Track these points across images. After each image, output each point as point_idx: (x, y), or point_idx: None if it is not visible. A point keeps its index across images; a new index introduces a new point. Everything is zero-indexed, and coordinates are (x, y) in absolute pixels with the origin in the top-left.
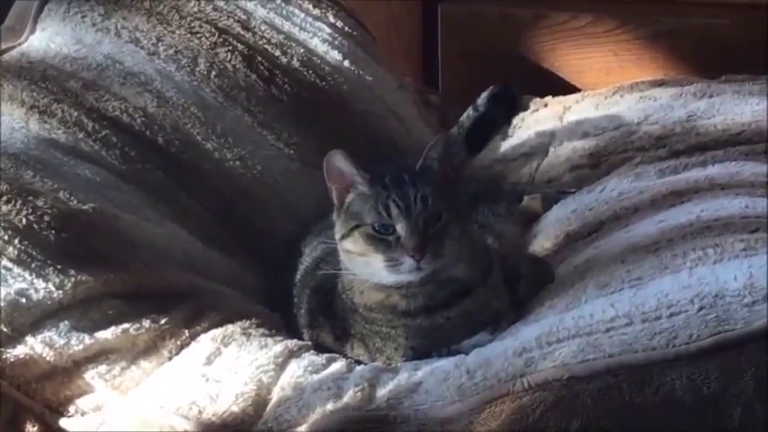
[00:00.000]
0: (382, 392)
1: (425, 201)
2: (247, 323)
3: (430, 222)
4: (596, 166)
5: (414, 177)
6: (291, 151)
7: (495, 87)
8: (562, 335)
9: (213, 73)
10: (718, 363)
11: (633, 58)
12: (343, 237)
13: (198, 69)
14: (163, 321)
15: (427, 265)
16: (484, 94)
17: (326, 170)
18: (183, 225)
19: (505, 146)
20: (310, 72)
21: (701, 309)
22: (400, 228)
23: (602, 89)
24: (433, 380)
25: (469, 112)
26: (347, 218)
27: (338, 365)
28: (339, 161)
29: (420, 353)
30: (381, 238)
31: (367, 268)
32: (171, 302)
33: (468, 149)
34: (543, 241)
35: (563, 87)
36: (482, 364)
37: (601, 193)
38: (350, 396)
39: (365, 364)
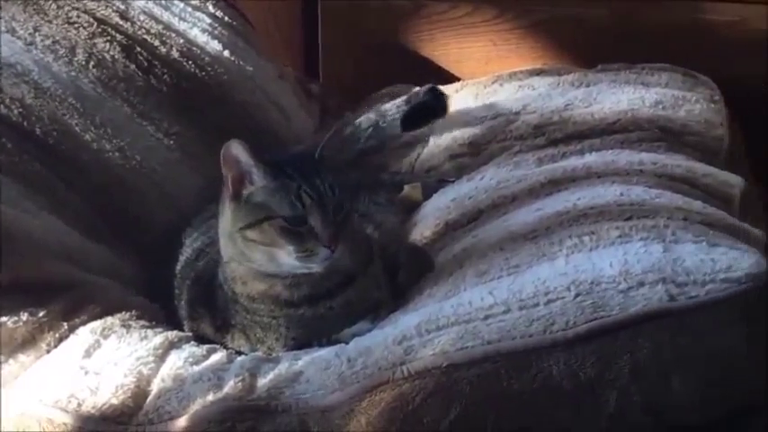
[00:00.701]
0: (263, 382)
1: (334, 190)
2: (127, 315)
3: (337, 211)
4: (476, 154)
5: (316, 167)
6: (171, 142)
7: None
8: (441, 323)
9: (92, 63)
10: (594, 348)
11: (512, 48)
12: (247, 227)
13: (76, 60)
14: (41, 314)
15: (339, 253)
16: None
17: (223, 158)
18: (61, 216)
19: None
20: (190, 62)
21: (577, 295)
22: (314, 219)
23: (482, 78)
24: (314, 369)
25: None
26: (251, 209)
27: (219, 356)
28: (237, 151)
29: (301, 343)
30: (294, 230)
31: (271, 257)
32: (49, 295)
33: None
34: (423, 230)
35: (443, 76)
36: (362, 352)
37: (480, 182)
38: (230, 386)
39: (246, 354)
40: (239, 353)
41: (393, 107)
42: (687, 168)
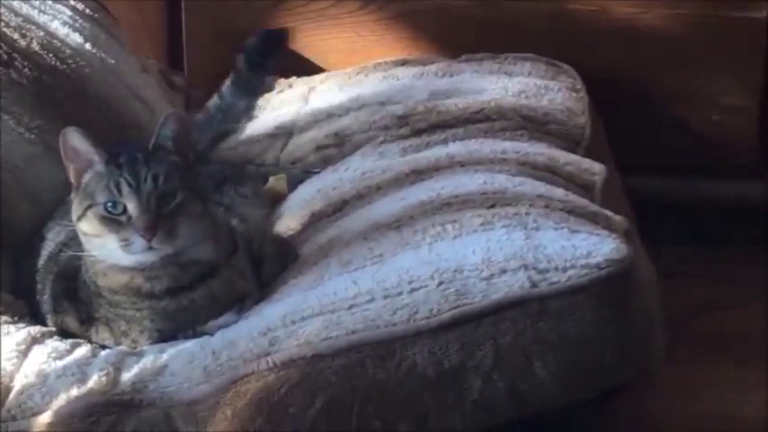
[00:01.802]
0: (127, 376)
1: (156, 179)
2: None
3: (163, 202)
4: (341, 145)
5: (147, 156)
6: (33, 136)
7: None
8: (306, 313)
9: None
10: (457, 336)
11: (376, 39)
12: (79, 218)
13: None
14: None
15: (160, 244)
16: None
17: (63, 149)
18: None
19: (251, 127)
20: (50, 55)
21: (440, 283)
22: (131, 207)
23: (346, 70)
24: (179, 362)
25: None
26: (82, 198)
27: (83, 351)
28: (74, 139)
29: (166, 335)
30: (113, 218)
31: (103, 249)
32: None
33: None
34: (289, 221)
35: (307, 68)
36: (227, 344)
37: (345, 173)
38: (94, 381)
39: (111, 348)
40: (104, 347)
41: (228, 82)
42: (549, 156)
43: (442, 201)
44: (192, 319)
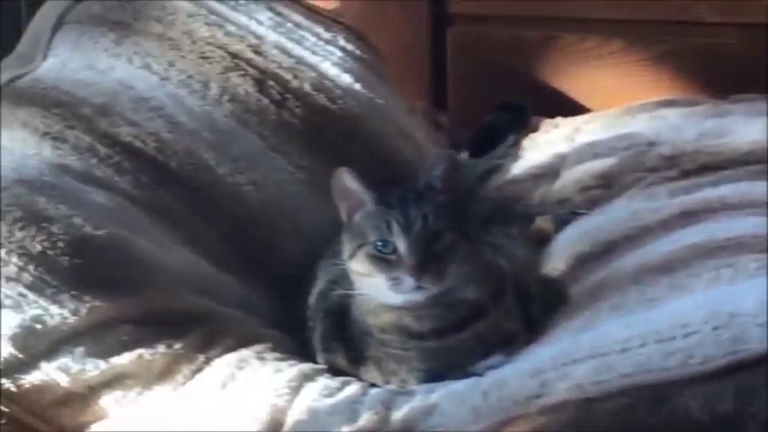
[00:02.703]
0: (398, 415)
1: (426, 219)
2: (261, 347)
3: (432, 241)
4: (607, 186)
5: (417, 196)
6: (303, 175)
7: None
8: (576, 356)
9: (225, 97)
10: (732, 382)
11: (640, 79)
12: (350, 257)
13: (210, 94)
14: (177, 346)
15: (428, 284)
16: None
17: (334, 188)
18: (195, 249)
19: (517, 167)
20: (321, 95)
21: (715, 329)
22: (400, 246)
23: (612, 110)
24: (449, 402)
25: None
26: (353, 237)
27: (353, 389)
28: (346, 179)
29: (434, 375)
30: (383, 258)
31: (373, 288)
32: (184, 327)
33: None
34: (556, 262)
35: (573, 108)
36: (497, 385)
37: (612, 214)
38: (365, 419)
39: (380, 387)
40: (373, 385)
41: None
42: None
43: (716, 244)
44: (459, 359)
